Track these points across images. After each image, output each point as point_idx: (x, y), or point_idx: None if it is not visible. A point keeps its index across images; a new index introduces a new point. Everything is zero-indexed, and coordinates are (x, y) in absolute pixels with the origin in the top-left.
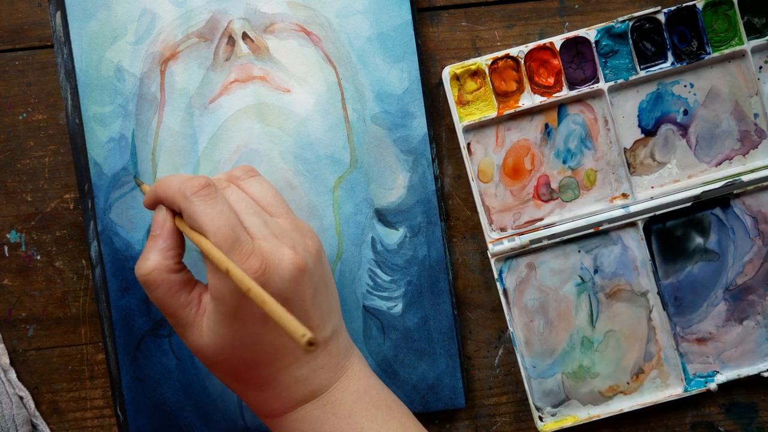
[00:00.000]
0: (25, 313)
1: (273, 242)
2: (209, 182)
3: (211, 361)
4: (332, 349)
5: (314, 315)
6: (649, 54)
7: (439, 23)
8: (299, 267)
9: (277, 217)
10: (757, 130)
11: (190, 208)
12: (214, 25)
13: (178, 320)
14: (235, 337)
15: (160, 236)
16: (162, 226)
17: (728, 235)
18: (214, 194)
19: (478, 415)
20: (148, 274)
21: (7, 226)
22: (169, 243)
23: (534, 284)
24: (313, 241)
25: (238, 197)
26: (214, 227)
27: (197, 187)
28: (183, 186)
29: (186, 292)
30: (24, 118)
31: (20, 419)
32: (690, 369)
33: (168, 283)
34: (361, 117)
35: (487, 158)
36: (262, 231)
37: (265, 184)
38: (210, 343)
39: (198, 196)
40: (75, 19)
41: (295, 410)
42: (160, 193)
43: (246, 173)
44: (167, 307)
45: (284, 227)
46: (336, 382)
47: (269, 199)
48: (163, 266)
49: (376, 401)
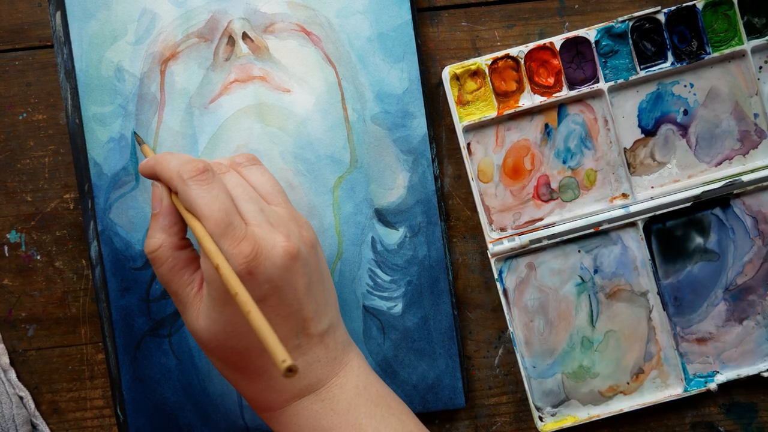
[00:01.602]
0: (25, 313)
1: (267, 229)
2: (207, 167)
3: (206, 346)
4: (329, 344)
5: (308, 305)
6: (649, 54)
7: (439, 23)
8: (291, 254)
9: (275, 206)
10: (757, 130)
11: (186, 191)
12: (214, 25)
13: (179, 299)
14: (227, 323)
15: (161, 213)
16: (160, 203)
17: (728, 235)
18: (211, 179)
19: (478, 415)
20: (155, 251)
21: (7, 226)
22: (170, 219)
23: (534, 284)
24: (308, 232)
25: (236, 182)
26: (208, 211)
27: (195, 171)
28: (181, 168)
29: (190, 271)
30: (24, 118)
31: (20, 419)
32: (690, 369)
33: (173, 259)
34: (361, 117)
35: (487, 158)
36: (257, 217)
37: (266, 173)
38: (204, 327)
39: (195, 180)
40: (75, 19)
41: (292, 404)
42: (158, 171)
43: (248, 160)
44: (171, 283)
45: (281, 215)
46: (334, 378)
47: (268, 188)
48: (168, 243)
49: (375, 398)
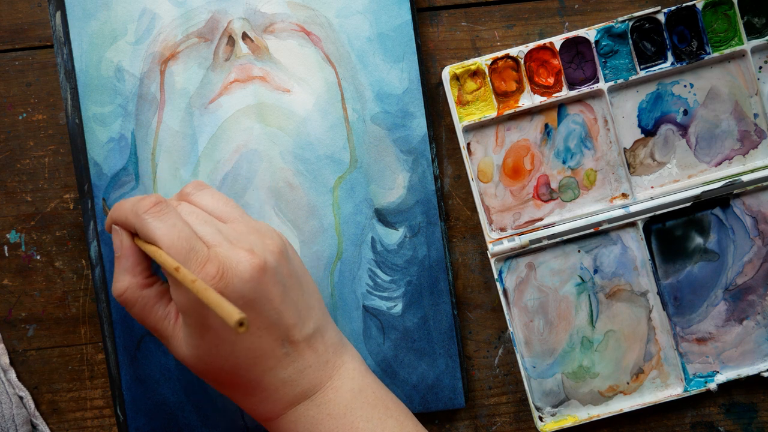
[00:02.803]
0: (25, 313)
1: (227, 247)
2: (160, 199)
3: (196, 370)
4: (317, 347)
5: (287, 313)
6: (649, 54)
7: (438, 23)
8: (258, 267)
9: (231, 222)
10: (757, 130)
11: (143, 225)
12: (214, 25)
13: (159, 333)
14: (211, 347)
15: (123, 256)
16: (121, 247)
17: (728, 235)
18: (166, 209)
19: (478, 415)
20: (122, 294)
21: (7, 226)
22: (133, 260)
23: (534, 284)
24: (273, 240)
25: (188, 210)
26: (168, 240)
27: (149, 205)
28: (135, 206)
29: (163, 305)
30: (24, 118)
31: (20, 419)
32: (690, 369)
33: (143, 299)
34: (361, 117)
35: (487, 158)
36: (216, 238)
37: (215, 194)
38: (189, 354)
39: (150, 213)
40: (75, 19)
41: (289, 411)
42: (115, 217)
43: (195, 188)
44: (147, 321)
45: (240, 231)
46: (328, 381)
47: (221, 207)
48: (134, 284)
49: (373, 400)
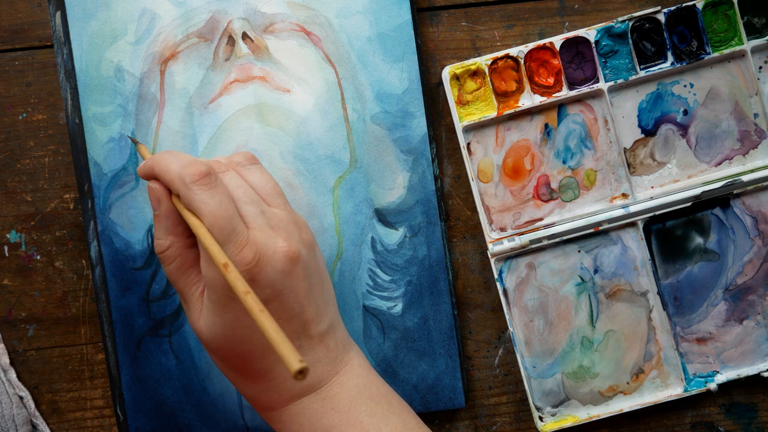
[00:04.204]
0: (25, 313)
1: (268, 233)
2: (210, 170)
3: (207, 346)
4: (329, 344)
5: (309, 308)
6: (649, 54)
7: (438, 23)
8: (292, 258)
9: (275, 207)
10: (757, 130)
11: (189, 197)
12: (214, 25)
13: (184, 297)
14: (227, 327)
15: (162, 216)
16: (159, 204)
17: (728, 235)
18: (214, 183)
19: (478, 415)
20: (164, 251)
21: (7, 226)
22: (173, 220)
23: (534, 284)
24: (308, 234)
25: (237, 183)
26: (212, 218)
27: (198, 175)
28: (183, 172)
29: (197, 270)
30: (24, 118)
31: (20, 419)
32: (690, 369)
33: (182, 258)
34: (361, 117)
35: (487, 158)
36: (258, 221)
37: (265, 174)
38: (205, 328)
39: (198, 185)
40: (75, 19)
41: (293, 403)
42: (157, 172)
43: (247, 160)
44: (177, 282)
45: (281, 218)
46: (335, 377)
47: (268, 189)
48: (177, 244)
49: (376, 396)
